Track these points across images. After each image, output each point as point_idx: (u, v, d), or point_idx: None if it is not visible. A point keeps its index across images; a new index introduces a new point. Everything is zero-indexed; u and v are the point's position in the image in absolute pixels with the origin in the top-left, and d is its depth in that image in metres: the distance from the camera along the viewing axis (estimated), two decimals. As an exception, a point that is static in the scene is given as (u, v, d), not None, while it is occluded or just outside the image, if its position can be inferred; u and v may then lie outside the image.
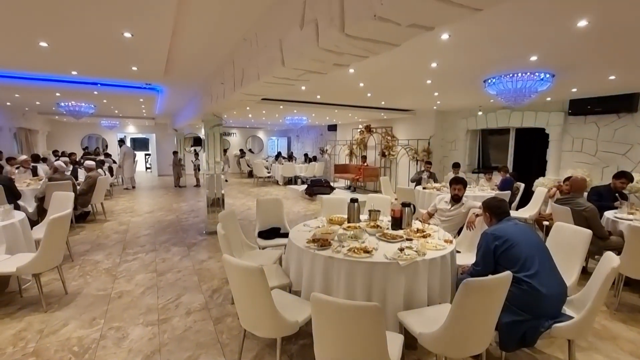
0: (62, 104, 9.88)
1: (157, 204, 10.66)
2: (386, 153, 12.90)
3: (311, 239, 3.58)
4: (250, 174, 18.80)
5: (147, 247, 6.34)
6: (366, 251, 3.25)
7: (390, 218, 4.25)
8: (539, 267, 2.93)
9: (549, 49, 4.41)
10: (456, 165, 9.33)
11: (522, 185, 8.12)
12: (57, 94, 8.81)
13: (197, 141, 20.21)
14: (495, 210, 3.38)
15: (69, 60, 5.38)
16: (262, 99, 6.72)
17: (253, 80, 3.81)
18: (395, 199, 4.93)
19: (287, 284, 3.56)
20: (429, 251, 3.32)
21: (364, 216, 4.58)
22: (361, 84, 6.90)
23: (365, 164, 13.01)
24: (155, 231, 7.46)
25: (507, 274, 2.53)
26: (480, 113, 10.40)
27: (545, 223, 6.22)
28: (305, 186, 13.63)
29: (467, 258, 4.08)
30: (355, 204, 4.37)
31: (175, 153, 15.00)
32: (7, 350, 3.35)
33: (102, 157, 14.58)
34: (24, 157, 8.72)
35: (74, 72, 6.30)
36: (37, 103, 10.51)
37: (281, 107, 10.16)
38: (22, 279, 4.51)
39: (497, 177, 8.56)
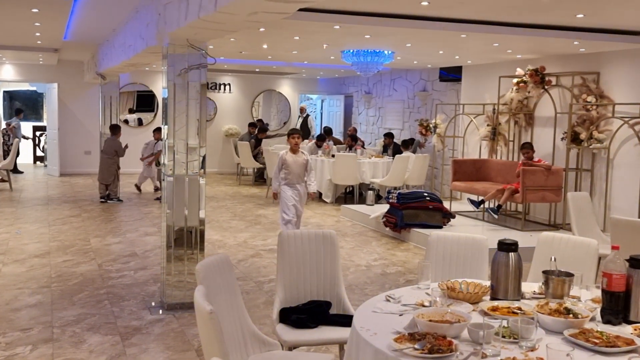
0: None
1: (57, 237, 6.52)
2: (583, 135, 7.10)
3: (406, 335, 2.19)
4: (261, 175, 11.25)
5: (35, 333, 3.71)
6: (543, 371, 2.12)
7: (598, 294, 2.69)
8: None
9: None
10: None
11: None
12: None
13: (145, 100, 12.50)
14: None
15: None
16: (300, 10, 3.77)
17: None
18: (614, 249, 2.87)
19: None
20: None
21: (531, 284, 2.99)
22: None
23: (532, 158, 7.00)
24: (54, 298, 4.47)
25: None
26: None
27: None
28: (385, 207, 7.39)
29: None
30: (512, 254, 2.74)
31: (115, 128, 8.92)
32: None
33: None
34: None
35: None
36: None
37: (337, 26, 5.74)
38: None
39: None
